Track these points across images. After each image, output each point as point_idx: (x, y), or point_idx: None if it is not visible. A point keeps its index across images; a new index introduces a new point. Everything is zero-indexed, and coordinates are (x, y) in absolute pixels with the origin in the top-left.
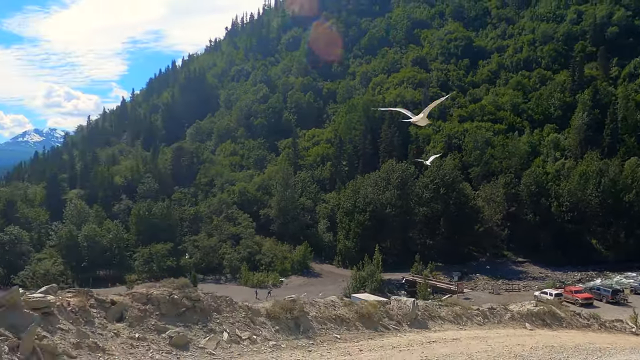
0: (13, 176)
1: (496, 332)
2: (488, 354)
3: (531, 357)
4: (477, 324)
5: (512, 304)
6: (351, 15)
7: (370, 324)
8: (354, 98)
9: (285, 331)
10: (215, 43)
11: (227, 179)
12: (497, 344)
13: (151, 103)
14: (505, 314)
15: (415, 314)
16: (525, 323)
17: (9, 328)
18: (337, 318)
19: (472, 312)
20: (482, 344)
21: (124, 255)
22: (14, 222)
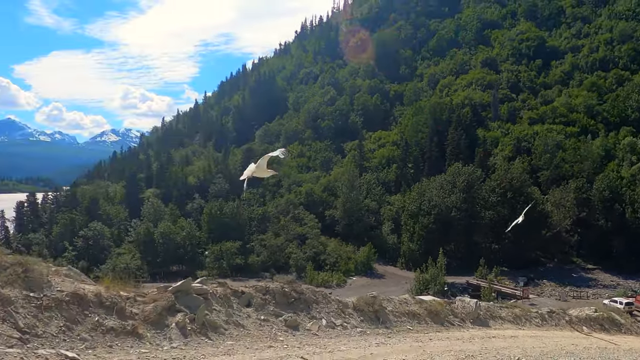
0: (94, 174)
1: (552, 332)
2: (541, 349)
3: (582, 354)
4: (535, 325)
5: (571, 309)
6: (420, 17)
7: (438, 320)
8: (421, 100)
9: (368, 321)
10: (284, 46)
11: (294, 180)
12: (551, 342)
13: (222, 105)
14: (564, 317)
15: (477, 313)
16: (583, 327)
17: (185, 307)
18: (410, 313)
19: (531, 314)
20: (537, 342)
21: (195, 252)
22: (96, 219)
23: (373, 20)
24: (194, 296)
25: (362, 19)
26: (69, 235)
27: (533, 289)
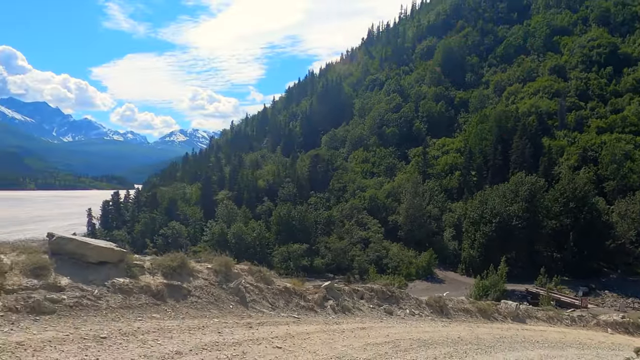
0: (167, 174)
1: (577, 331)
2: (560, 338)
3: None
4: (565, 324)
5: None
6: (488, 23)
7: (485, 315)
8: (486, 108)
9: (436, 313)
10: (351, 52)
11: (359, 185)
12: (571, 336)
13: (290, 111)
14: (592, 320)
15: (517, 313)
16: (608, 328)
17: (332, 297)
18: (464, 309)
19: (563, 316)
20: (559, 335)
21: (265, 253)
22: (175, 219)
23: (440, 27)
24: (335, 291)
25: (429, 26)
26: (149, 233)
27: (593, 299)
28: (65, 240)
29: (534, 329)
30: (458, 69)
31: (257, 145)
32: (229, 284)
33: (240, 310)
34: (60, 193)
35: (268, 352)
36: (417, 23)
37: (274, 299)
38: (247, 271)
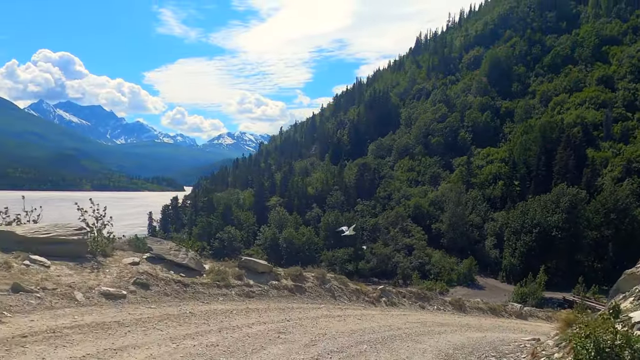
0: (217, 179)
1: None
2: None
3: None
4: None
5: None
6: (536, 33)
7: (494, 313)
8: (531, 119)
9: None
10: (399, 61)
11: (404, 193)
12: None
13: (338, 119)
14: None
15: (521, 312)
16: None
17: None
18: (479, 308)
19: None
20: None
21: (314, 257)
22: (230, 223)
23: (488, 36)
24: (387, 291)
25: (477, 35)
26: (206, 236)
27: None
28: (248, 260)
29: (531, 324)
30: (505, 78)
31: (306, 152)
32: (325, 285)
33: (332, 301)
34: (116, 194)
35: (355, 320)
36: (465, 33)
37: (349, 295)
38: (333, 277)
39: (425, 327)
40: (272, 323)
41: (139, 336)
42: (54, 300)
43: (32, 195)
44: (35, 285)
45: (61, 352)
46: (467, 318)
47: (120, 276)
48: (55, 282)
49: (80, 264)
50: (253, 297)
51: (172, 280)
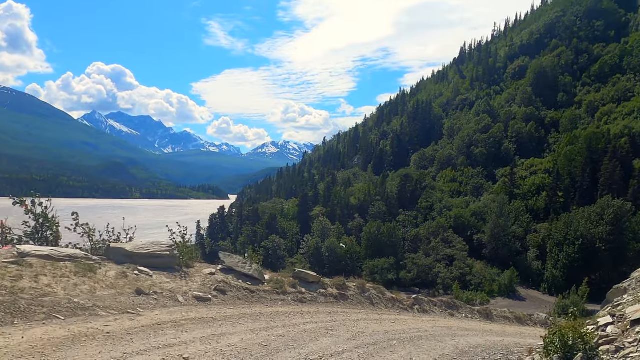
0: (262, 188)
1: None
2: None
3: None
4: None
5: None
6: (583, 42)
7: (520, 322)
8: (576, 130)
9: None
10: (442, 72)
11: (446, 204)
12: None
13: (381, 129)
14: None
15: (546, 322)
16: None
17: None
18: (505, 317)
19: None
20: None
21: (355, 266)
22: (274, 232)
23: (533, 46)
24: (419, 300)
25: (522, 45)
26: (251, 244)
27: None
28: (300, 272)
29: None
30: (550, 88)
31: (349, 162)
32: (364, 294)
33: (371, 307)
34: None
35: (390, 323)
36: (510, 42)
37: (386, 303)
38: (372, 287)
39: (450, 331)
40: (322, 323)
41: (228, 327)
42: (165, 301)
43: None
44: (148, 289)
45: (186, 335)
46: (492, 325)
47: (203, 284)
48: (160, 287)
49: (172, 273)
50: (305, 303)
51: (242, 287)
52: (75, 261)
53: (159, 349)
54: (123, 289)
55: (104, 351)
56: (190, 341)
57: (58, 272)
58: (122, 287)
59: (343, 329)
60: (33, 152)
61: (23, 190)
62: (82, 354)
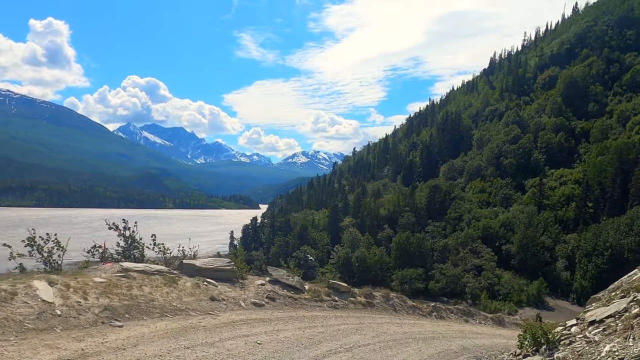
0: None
1: None
2: None
3: None
4: None
5: None
6: (614, 51)
7: None
8: (607, 140)
9: (496, 323)
10: (472, 82)
11: (474, 215)
12: None
13: (411, 140)
14: None
15: None
16: None
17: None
18: (516, 323)
19: None
20: None
21: (385, 275)
22: (305, 243)
23: (564, 56)
24: (437, 307)
25: (552, 55)
26: (283, 254)
27: None
28: (334, 283)
29: None
30: (581, 98)
31: (379, 173)
32: (388, 302)
33: (394, 313)
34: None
35: (409, 326)
36: (540, 52)
37: (407, 310)
38: (395, 296)
39: (461, 334)
40: (352, 324)
41: (282, 325)
42: (231, 306)
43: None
44: (218, 297)
45: (254, 329)
46: (503, 330)
47: (257, 292)
48: (225, 295)
49: (232, 284)
50: (338, 308)
51: (287, 296)
52: (162, 275)
53: (240, 337)
54: (200, 296)
55: (207, 337)
56: (258, 333)
57: (153, 283)
58: (199, 295)
59: (369, 330)
60: (71, 163)
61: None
62: (196, 338)
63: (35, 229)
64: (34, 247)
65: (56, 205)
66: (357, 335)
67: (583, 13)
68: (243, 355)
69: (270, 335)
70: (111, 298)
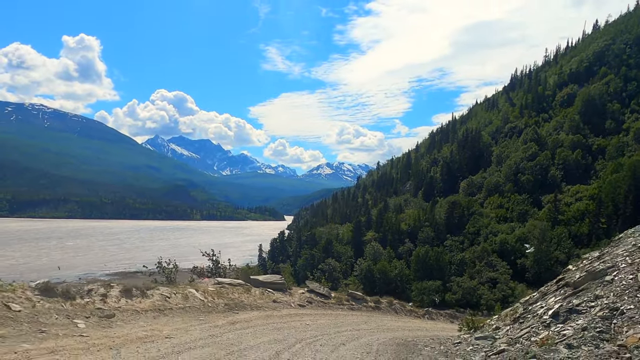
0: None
1: None
2: None
3: None
4: None
5: None
6: (632, 69)
7: None
8: (622, 157)
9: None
10: (492, 99)
11: (492, 230)
12: None
13: (432, 157)
14: None
15: None
16: None
17: (390, 305)
18: None
19: None
20: None
21: (404, 287)
22: (330, 256)
23: (583, 74)
24: (430, 311)
25: (571, 73)
26: (309, 267)
27: None
28: (352, 292)
29: None
30: (598, 115)
31: (401, 188)
32: (392, 306)
33: (395, 315)
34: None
35: (403, 323)
36: (559, 70)
37: (406, 313)
38: (397, 303)
39: (440, 329)
40: (362, 319)
41: (317, 318)
42: (286, 306)
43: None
44: (278, 300)
45: (303, 318)
46: None
47: (300, 298)
48: (281, 300)
49: (283, 292)
50: (354, 310)
51: (319, 301)
52: (241, 286)
53: (296, 321)
54: (266, 300)
55: (283, 321)
56: (305, 320)
57: (237, 291)
58: (265, 299)
59: (374, 323)
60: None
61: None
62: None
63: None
64: (161, 267)
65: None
66: (365, 325)
67: (602, 31)
68: (301, 329)
69: (312, 322)
70: (223, 298)
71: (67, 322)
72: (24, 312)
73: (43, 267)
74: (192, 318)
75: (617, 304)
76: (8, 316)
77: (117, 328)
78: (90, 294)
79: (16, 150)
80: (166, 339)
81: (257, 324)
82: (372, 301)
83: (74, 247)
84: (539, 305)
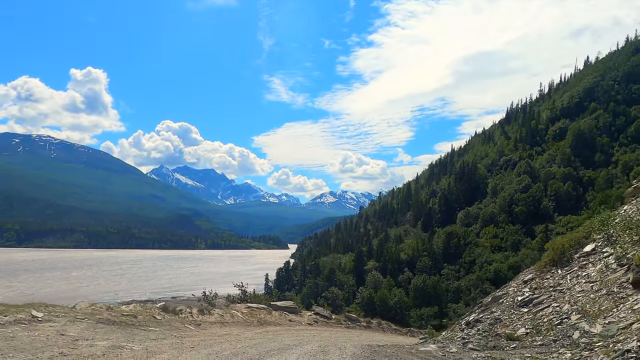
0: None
1: None
2: None
3: None
4: None
5: None
6: (620, 105)
7: None
8: (608, 190)
9: None
10: (489, 132)
11: (487, 259)
12: None
13: (431, 188)
14: None
15: None
16: None
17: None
18: None
19: None
20: None
21: (404, 314)
22: (333, 284)
23: (574, 109)
24: (412, 330)
25: (562, 108)
26: (313, 295)
27: None
28: (348, 314)
29: None
30: (588, 148)
31: (402, 218)
32: (380, 326)
33: (382, 332)
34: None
35: (389, 338)
36: (552, 105)
37: (392, 331)
38: (384, 323)
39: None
40: (355, 334)
41: (321, 332)
42: (298, 324)
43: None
44: (292, 320)
45: (311, 331)
46: None
47: (309, 318)
48: (294, 319)
49: (295, 314)
50: (350, 328)
51: (323, 321)
52: (264, 309)
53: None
54: (284, 319)
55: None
56: (313, 333)
57: (262, 312)
58: (283, 319)
59: (365, 337)
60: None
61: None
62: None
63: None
64: (206, 295)
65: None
66: (357, 337)
67: (592, 67)
68: (309, 338)
69: (318, 334)
70: (255, 317)
71: (182, 326)
72: (162, 320)
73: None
74: (242, 327)
75: (500, 315)
76: (157, 320)
77: (207, 330)
78: (182, 312)
79: (23, 180)
80: (237, 335)
81: (282, 333)
82: (365, 321)
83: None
84: (467, 319)
